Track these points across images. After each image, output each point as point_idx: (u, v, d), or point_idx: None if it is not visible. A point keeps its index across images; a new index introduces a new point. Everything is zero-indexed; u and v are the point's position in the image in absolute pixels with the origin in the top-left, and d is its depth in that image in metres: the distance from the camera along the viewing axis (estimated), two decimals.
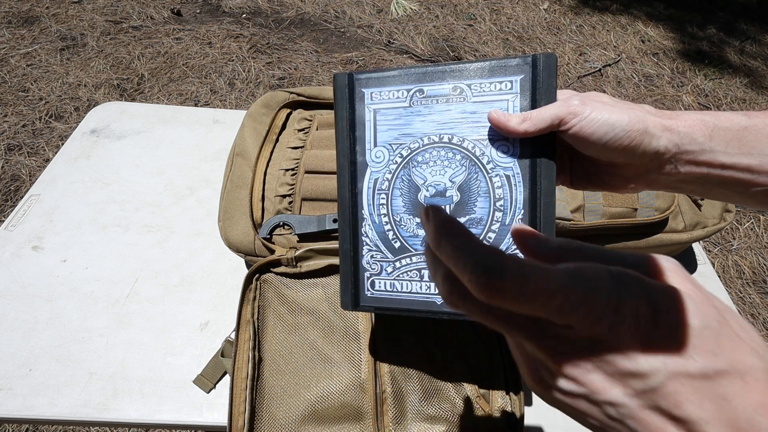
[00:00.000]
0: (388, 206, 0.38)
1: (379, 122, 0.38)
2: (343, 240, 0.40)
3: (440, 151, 0.36)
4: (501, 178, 0.35)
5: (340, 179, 0.39)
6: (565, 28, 2.32)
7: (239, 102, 1.74)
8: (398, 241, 0.38)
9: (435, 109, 0.36)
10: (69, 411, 0.48)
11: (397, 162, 0.37)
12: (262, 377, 0.46)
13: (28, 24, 2.01)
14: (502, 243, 0.35)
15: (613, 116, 0.30)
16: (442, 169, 0.37)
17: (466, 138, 0.36)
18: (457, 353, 0.48)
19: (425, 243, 0.28)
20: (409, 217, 0.37)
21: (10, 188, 1.40)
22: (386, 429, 0.44)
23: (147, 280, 0.60)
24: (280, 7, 2.28)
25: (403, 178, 0.37)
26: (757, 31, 2.41)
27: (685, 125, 0.30)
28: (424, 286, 0.38)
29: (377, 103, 0.38)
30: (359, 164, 0.39)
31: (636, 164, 0.32)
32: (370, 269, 0.39)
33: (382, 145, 0.38)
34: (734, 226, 1.46)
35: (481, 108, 0.35)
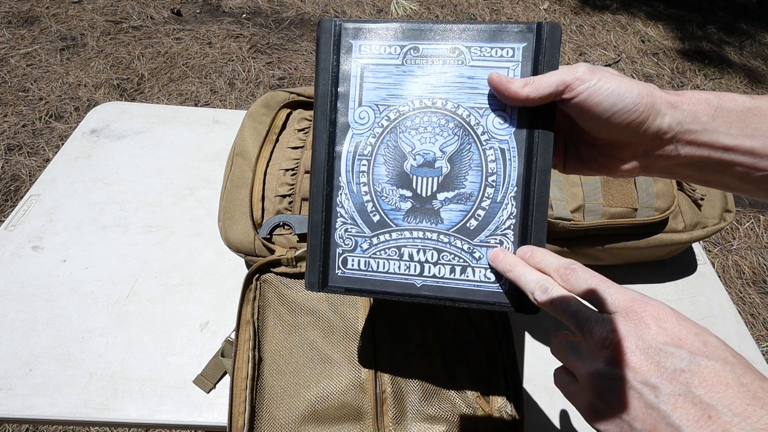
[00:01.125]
0: (369, 174, 0.34)
1: (366, 79, 0.34)
2: (315, 210, 0.35)
3: (432, 117, 0.33)
4: (495, 151, 0.33)
5: (316, 140, 0.35)
6: (565, 28, 2.32)
7: (239, 102, 1.74)
8: (377, 215, 0.34)
9: (429, 70, 0.33)
10: (69, 411, 0.48)
11: (383, 125, 0.34)
12: (262, 377, 0.46)
13: (28, 24, 2.01)
14: (492, 221, 0.33)
15: (622, 86, 0.28)
16: (433, 136, 0.33)
17: (461, 105, 0.33)
18: (457, 353, 0.48)
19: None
20: (392, 187, 0.34)
21: (10, 188, 1.40)
22: (386, 429, 0.44)
23: (147, 280, 0.60)
24: (280, 7, 2.28)
25: (389, 144, 0.34)
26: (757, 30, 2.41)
27: (690, 103, 0.29)
28: (402, 266, 0.34)
29: (366, 57, 0.34)
30: (340, 125, 0.34)
31: (636, 144, 0.31)
32: (343, 245, 0.35)
33: (368, 104, 0.34)
34: (734, 226, 1.46)
35: (480, 73, 0.33)
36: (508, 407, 0.45)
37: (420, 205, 0.34)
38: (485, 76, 0.33)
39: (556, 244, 0.56)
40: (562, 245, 0.56)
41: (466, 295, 0.34)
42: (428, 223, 0.34)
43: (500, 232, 0.33)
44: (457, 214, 0.34)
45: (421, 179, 0.34)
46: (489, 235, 0.33)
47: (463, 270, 0.34)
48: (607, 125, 0.30)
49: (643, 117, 0.29)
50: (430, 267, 0.34)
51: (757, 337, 1.21)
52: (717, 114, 0.29)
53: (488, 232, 0.33)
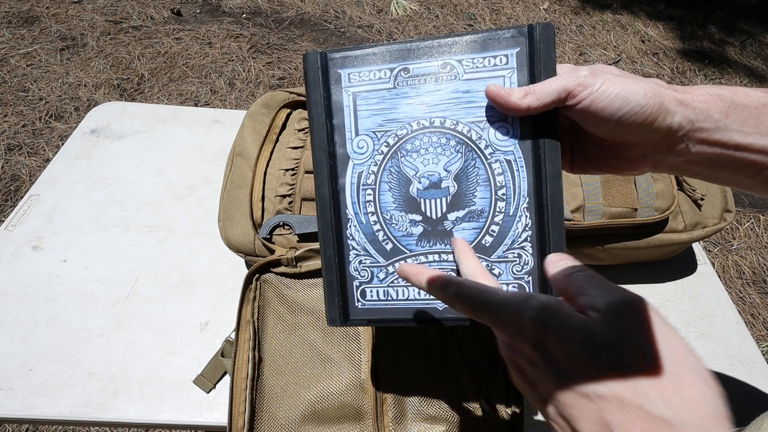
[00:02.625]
0: (375, 203, 0.34)
1: (360, 107, 0.33)
2: (326, 246, 0.34)
3: (432, 137, 0.33)
4: (501, 163, 0.32)
5: (318, 176, 0.34)
6: (565, 28, 2.32)
7: (239, 102, 1.74)
8: (390, 242, 0.34)
9: (423, 89, 0.32)
10: (69, 411, 0.48)
11: (383, 152, 0.33)
12: (262, 377, 0.46)
13: (28, 24, 2.01)
14: (508, 235, 0.32)
15: (627, 89, 0.27)
16: (435, 157, 0.33)
17: (460, 121, 0.32)
18: (456, 353, 0.48)
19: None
20: (401, 213, 0.33)
21: (10, 188, 1.40)
22: (386, 429, 0.44)
23: (147, 280, 0.60)
24: (280, 7, 2.28)
25: (392, 170, 0.33)
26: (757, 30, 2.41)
27: (701, 100, 0.28)
28: (422, 292, 0.34)
29: (356, 85, 0.33)
30: (339, 156, 0.34)
31: (645, 143, 0.29)
32: (359, 277, 0.34)
33: (365, 133, 0.33)
34: (734, 226, 1.46)
35: (475, 86, 0.32)
36: (508, 407, 0.45)
37: (431, 228, 0.33)
38: (481, 88, 0.32)
39: None
40: None
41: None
42: (442, 245, 0.33)
43: (517, 245, 0.32)
44: (470, 232, 0.33)
45: (429, 201, 0.33)
46: (506, 250, 0.33)
47: None
48: (614, 128, 0.28)
49: (651, 118, 0.27)
50: None
51: (757, 337, 1.21)
52: (730, 110, 0.28)
53: (505, 247, 0.33)
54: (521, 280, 0.33)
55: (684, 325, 0.59)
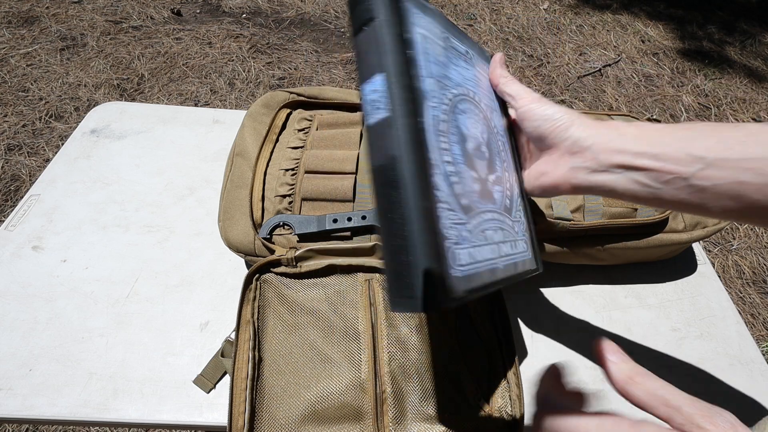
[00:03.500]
0: (450, 153, 0.29)
1: (430, 51, 0.31)
2: (410, 194, 0.24)
3: (470, 105, 0.34)
4: (504, 144, 0.39)
5: (396, 110, 0.25)
6: (565, 28, 2.31)
7: (239, 102, 1.74)
8: (465, 198, 0.30)
9: (459, 62, 0.35)
10: (69, 411, 0.48)
11: (447, 103, 0.31)
12: (262, 377, 0.46)
13: (28, 24, 2.01)
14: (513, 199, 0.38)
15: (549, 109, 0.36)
16: (476, 123, 0.34)
17: (481, 101, 0.37)
18: (457, 353, 0.48)
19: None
20: (465, 168, 0.31)
21: (10, 188, 1.40)
22: (386, 429, 0.44)
23: (147, 280, 0.60)
24: (280, 7, 2.28)
25: (455, 124, 0.31)
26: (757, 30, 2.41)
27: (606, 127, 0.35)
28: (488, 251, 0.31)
29: (425, 29, 0.31)
30: (417, 92, 0.27)
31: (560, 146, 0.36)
32: (451, 237, 0.27)
33: (434, 77, 0.30)
34: (734, 226, 1.46)
35: (482, 77, 0.38)
36: (508, 407, 0.45)
37: (482, 187, 0.32)
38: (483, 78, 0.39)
39: (556, 244, 0.56)
40: (562, 245, 0.57)
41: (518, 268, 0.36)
42: (490, 203, 0.33)
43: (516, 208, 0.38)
44: (499, 194, 0.36)
45: (478, 161, 0.33)
46: (515, 212, 0.38)
47: (514, 245, 0.36)
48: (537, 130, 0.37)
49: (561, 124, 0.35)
50: (502, 246, 0.33)
51: (757, 337, 1.21)
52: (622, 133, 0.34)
53: (515, 209, 0.38)
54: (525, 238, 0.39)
55: (684, 325, 0.59)
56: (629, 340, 0.57)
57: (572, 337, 0.57)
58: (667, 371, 0.54)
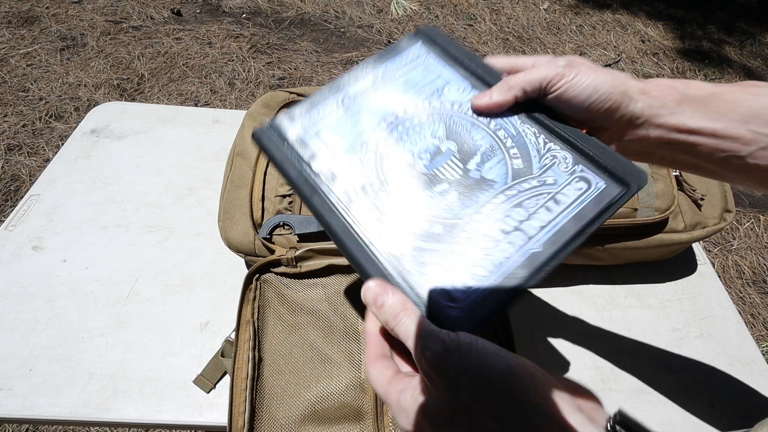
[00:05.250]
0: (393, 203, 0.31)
1: (326, 138, 0.34)
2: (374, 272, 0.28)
3: (404, 124, 0.34)
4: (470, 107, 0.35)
5: (325, 216, 0.30)
6: (565, 28, 2.32)
7: (239, 102, 1.74)
8: (437, 224, 0.30)
9: (370, 100, 0.35)
10: (69, 411, 0.48)
11: (372, 157, 0.33)
12: (262, 377, 0.46)
13: (28, 24, 2.01)
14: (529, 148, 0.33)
15: (597, 78, 0.31)
16: (419, 134, 0.33)
17: (417, 101, 0.35)
18: None
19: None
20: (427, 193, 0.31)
21: (10, 188, 1.40)
22: (386, 429, 0.44)
23: (147, 280, 0.60)
24: (280, 7, 2.28)
25: (390, 167, 0.32)
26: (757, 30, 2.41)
27: (658, 90, 0.32)
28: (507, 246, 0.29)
29: (314, 124, 0.34)
30: (339, 192, 0.31)
31: (612, 128, 0.33)
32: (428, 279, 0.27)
33: (346, 152, 0.33)
34: (734, 226, 1.46)
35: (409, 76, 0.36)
36: None
37: (460, 186, 0.31)
38: (414, 74, 0.36)
39: None
40: None
41: (583, 218, 0.29)
42: (483, 193, 0.31)
43: (544, 149, 0.32)
44: (498, 167, 0.32)
45: (442, 168, 0.32)
46: (541, 159, 0.32)
47: (556, 201, 0.30)
48: (585, 113, 0.32)
49: (615, 104, 0.31)
50: (530, 224, 0.29)
51: (757, 337, 1.21)
52: (682, 99, 0.31)
53: (537, 158, 0.32)
54: (576, 173, 0.31)
55: (684, 325, 0.59)
56: (629, 340, 0.57)
57: (572, 337, 0.57)
58: (667, 371, 0.54)
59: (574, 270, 0.62)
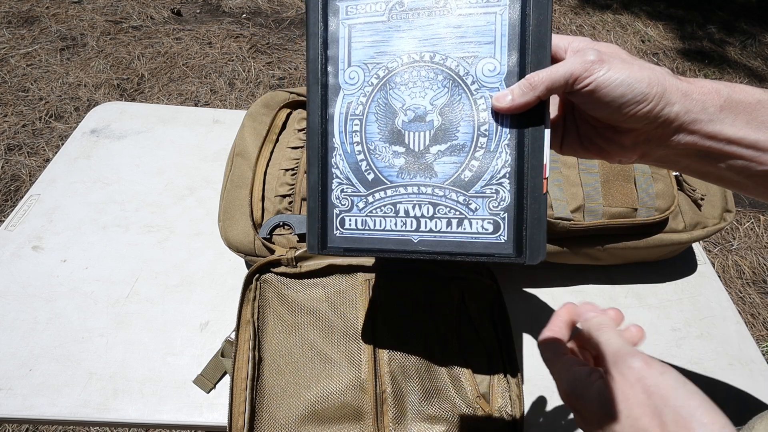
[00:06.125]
0: (361, 133, 0.34)
1: (354, 39, 0.34)
2: (311, 173, 0.35)
3: (420, 71, 0.33)
4: (486, 99, 0.32)
5: (310, 104, 0.35)
6: (565, 28, 2.31)
7: (239, 102, 1.74)
8: (372, 173, 0.34)
9: (416, 23, 0.33)
10: (69, 411, 0.48)
11: (373, 83, 0.34)
12: (262, 377, 0.46)
13: (28, 24, 2.01)
14: (487, 170, 0.33)
15: (632, 75, 0.27)
16: (423, 90, 0.33)
17: (449, 56, 0.33)
18: (457, 353, 0.48)
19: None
20: (385, 144, 0.34)
21: (10, 188, 1.40)
22: (386, 429, 0.44)
23: (147, 280, 0.60)
24: (280, 7, 2.28)
25: (379, 102, 0.34)
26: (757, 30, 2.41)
27: (700, 92, 0.28)
28: (399, 222, 0.34)
29: (353, 17, 0.34)
30: (331, 87, 0.35)
31: (640, 130, 0.30)
32: (340, 205, 0.35)
33: (357, 64, 0.34)
34: (734, 226, 1.46)
35: (467, 21, 0.32)
36: (508, 407, 0.45)
37: (413, 160, 0.34)
38: (472, 23, 0.32)
39: (556, 244, 0.56)
40: (562, 245, 0.56)
41: (464, 248, 0.33)
42: (422, 177, 0.34)
43: (495, 181, 0.33)
44: (450, 166, 0.33)
45: (413, 134, 0.34)
46: (484, 185, 0.33)
47: (460, 222, 0.33)
48: (614, 113, 0.29)
49: (651, 106, 0.28)
50: (426, 222, 0.34)
51: (757, 337, 1.21)
52: (726, 105, 0.28)
53: (483, 182, 0.33)
54: (496, 216, 0.33)
55: (684, 325, 0.59)
56: None
57: None
58: None
59: (574, 270, 0.62)
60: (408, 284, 0.52)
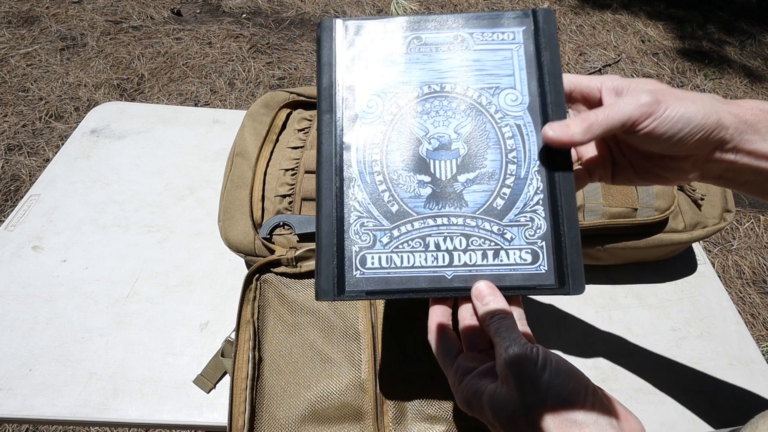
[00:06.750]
0: (382, 162, 0.33)
1: (372, 69, 0.34)
2: (324, 206, 0.32)
3: (442, 101, 0.33)
4: (511, 127, 0.32)
5: (322, 134, 0.33)
6: (565, 28, 2.31)
7: (239, 102, 1.74)
8: (395, 204, 0.32)
9: (435, 56, 0.34)
10: (69, 411, 0.48)
11: (393, 113, 0.33)
12: (262, 377, 0.46)
13: (28, 24, 2.01)
14: (519, 198, 0.32)
15: (689, 111, 0.28)
16: (446, 119, 0.33)
17: (471, 86, 0.33)
18: None
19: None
20: (409, 174, 0.32)
21: (10, 188, 1.40)
22: (386, 429, 0.44)
23: (147, 280, 0.60)
24: (280, 7, 2.28)
25: (401, 130, 0.33)
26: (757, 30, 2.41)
27: (751, 114, 0.29)
28: (429, 257, 0.31)
29: (370, 50, 0.34)
30: (347, 116, 0.33)
31: (697, 155, 0.31)
32: (360, 241, 0.32)
33: (376, 94, 0.34)
34: (734, 226, 1.46)
35: (485, 56, 0.33)
36: None
37: (441, 189, 0.32)
38: (490, 58, 0.33)
39: None
40: None
41: (503, 281, 0.31)
42: (452, 207, 0.32)
43: (529, 208, 0.32)
44: (481, 195, 0.32)
45: (438, 162, 0.33)
46: (518, 214, 0.32)
47: (496, 254, 0.31)
48: (671, 148, 0.30)
49: (706, 134, 0.29)
50: (460, 255, 0.32)
51: (757, 337, 1.21)
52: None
53: (517, 210, 0.32)
54: (534, 245, 0.32)
55: (684, 325, 0.59)
56: (629, 340, 0.57)
57: (572, 337, 0.57)
58: (667, 371, 0.54)
59: None
60: None
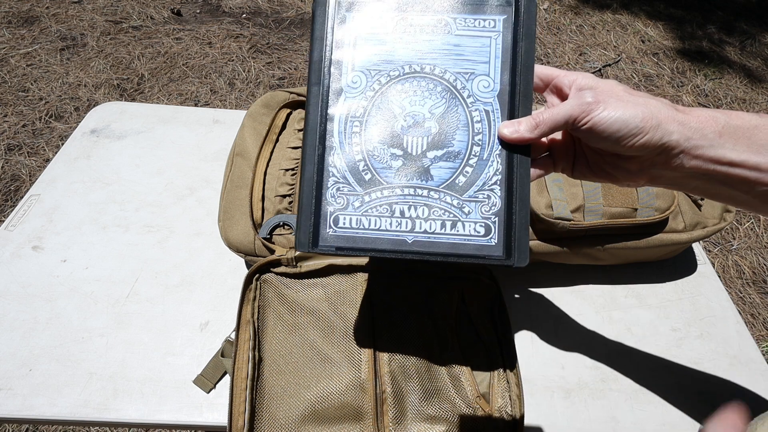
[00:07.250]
0: (361, 135, 0.36)
1: (359, 46, 0.37)
2: (306, 170, 0.36)
3: (421, 82, 0.36)
4: (480, 112, 0.35)
5: (310, 104, 0.36)
6: (565, 28, 2.31)
7: (239, 102, 1.74)
8: (369, 173, 0.36)
9: (418, 38, 0.36)
10: (69, 411, 0.48)
11: (375, 89, 0.36)
12: (262, 377, 0.46)
13: (28, 24, 2.01)
14: (480, 177, 0.35)
15: (627, 112, 0.30)
16: (422, 99, 0.36)
17: (448, 70, 0.36)
18: (457, 354, 0.48)
19: None
20: (383, 147, 0.36)
21: (10, 188, 1.40)
22: (386, 429, 0.44)
23: (147, 280, 0.60)
24: (280, 7, 2.28)
25: (380, 106, 0.36)
26: (757, 30, 2.41)
27: (697, 121, 0.31)
28: (394, 222, 0.35)
29: (359, 27, 0.37)
30: (333, 89, 0.37)
31: (643, 158, 0.32)
32: (335, 203, 0.36)
33: (360, 70, 0.37)
34: (734, 226, 1.46)
35: (465, 41, 0.36)
36: (508, 407, 0.45)
37: (411, 162, 0.36)
38: (470, 44, 0.36)
39: (556, 244, 0.56)
40: (562, 245, 0.57)
41: (457, 249, 0.35)
42: (419, 180, 0.36)
43: (487, 187, 0.35)
44: (446, 171, 0.35)
45: (411, 138, 0.36)
46: (477, 191, 0.35)
47: (453, 225, 0.35)
48: (614, 145, 0.32)
49: (648, 137, 0.30)
50: (421, 222, 0.35)
51: (757, 337, 1.21)
52: (724, 131, 0.30)
53: (476, 187, 0.35)
54: (488, 220, 0.35)
55: (684, 325, 0.59)
56: (629, 340, 0.57)
57: (572, 337, 0.57)
58: (667, 371, 0.54)
59: (574, 270, 0.62)
60: (408, 284, 0.52)
